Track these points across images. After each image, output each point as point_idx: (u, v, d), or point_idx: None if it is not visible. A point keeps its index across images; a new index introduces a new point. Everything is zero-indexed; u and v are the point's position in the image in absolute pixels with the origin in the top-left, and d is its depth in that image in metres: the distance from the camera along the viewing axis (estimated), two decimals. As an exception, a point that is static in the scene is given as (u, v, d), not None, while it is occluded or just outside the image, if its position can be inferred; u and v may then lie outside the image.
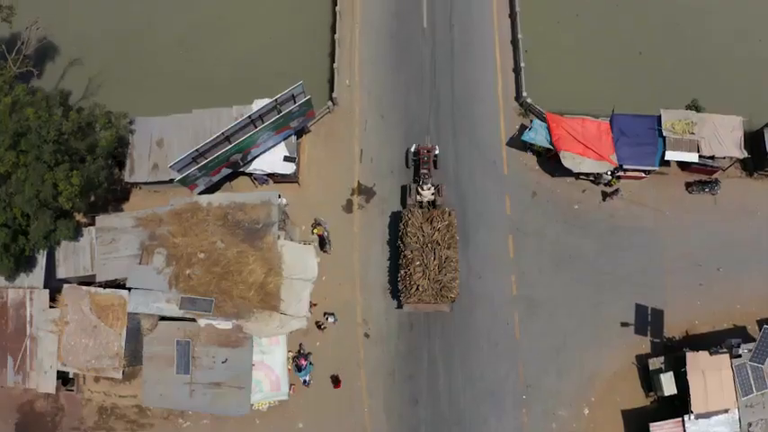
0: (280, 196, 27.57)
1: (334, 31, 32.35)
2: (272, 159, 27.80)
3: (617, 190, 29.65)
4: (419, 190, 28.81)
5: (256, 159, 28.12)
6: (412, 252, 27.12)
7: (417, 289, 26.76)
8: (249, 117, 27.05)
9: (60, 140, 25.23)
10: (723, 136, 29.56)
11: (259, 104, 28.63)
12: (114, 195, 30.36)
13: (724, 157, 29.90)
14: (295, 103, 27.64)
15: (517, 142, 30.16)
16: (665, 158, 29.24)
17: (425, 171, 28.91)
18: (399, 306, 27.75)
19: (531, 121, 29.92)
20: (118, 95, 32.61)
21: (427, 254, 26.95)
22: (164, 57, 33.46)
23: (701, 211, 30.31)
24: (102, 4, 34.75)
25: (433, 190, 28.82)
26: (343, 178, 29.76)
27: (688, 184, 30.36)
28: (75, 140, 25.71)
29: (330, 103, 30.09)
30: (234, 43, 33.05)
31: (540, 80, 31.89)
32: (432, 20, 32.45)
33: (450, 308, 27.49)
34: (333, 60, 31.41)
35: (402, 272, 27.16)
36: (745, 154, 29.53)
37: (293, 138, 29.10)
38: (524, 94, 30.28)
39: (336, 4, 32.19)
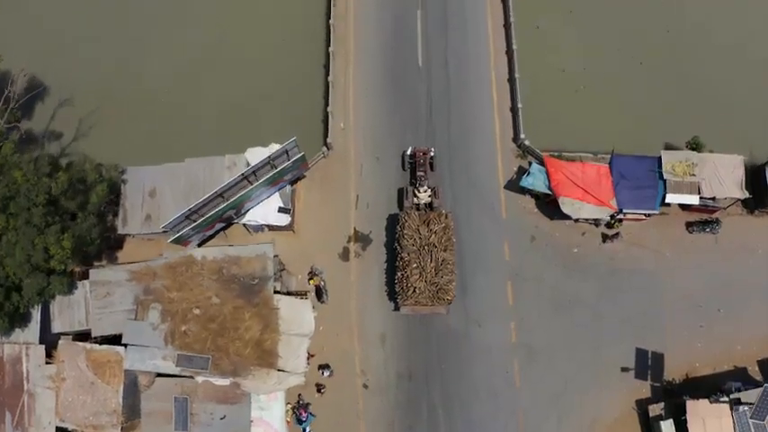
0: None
1: (327, 71, 31.84)
2: (265, 211, 27.59)
3: (617, 233, 29.47)
4: (416, 192, 28.88)
5: (250, 211, 27.87)
6: (409, 254, 27.37)
7: (414, 291, 26.98)
8: (243, 174, 26.80)
9: (50, 202, 24.96)
10: (724, 176, 29.30)
11: (252, 153, 28.51)
12: (108, 243, 30.14)
13: (725, 198, 29.75)
14: (289, 158, 27.42)
15: (515, 185, 29.84)
16: (666, 201, 29.07)
17: (422, 173, 29.03)
18: (396, 308, 27.89)
19: (530, 164, 29.64)
20: (108, 138, 32.58)
21: (424, 256, 27.20)
22: (155, 98, 32.94)
23: (701, 251, 30.13)
24: (92, 44, 34.07)
25: (429, 192, 28.91)
26: (339, 225, 29.50)
27: (689, 224, 30.15)
28: (66, 200, 25.45)
29: (325, 148, 29.79)
30: (226, 85, 32.61)
31: (538, 117, 31.45)
32: (427, 58, 32.03)
33: (446, 310, 27.69)
34: (327, 102, 30.94)
35: (399, 274, 27.44)
36: (746, 194, 29.30)
37: (287, 188, 28.86)
38: (522, 136, 29.93)
39: (329, 45, 31.79)
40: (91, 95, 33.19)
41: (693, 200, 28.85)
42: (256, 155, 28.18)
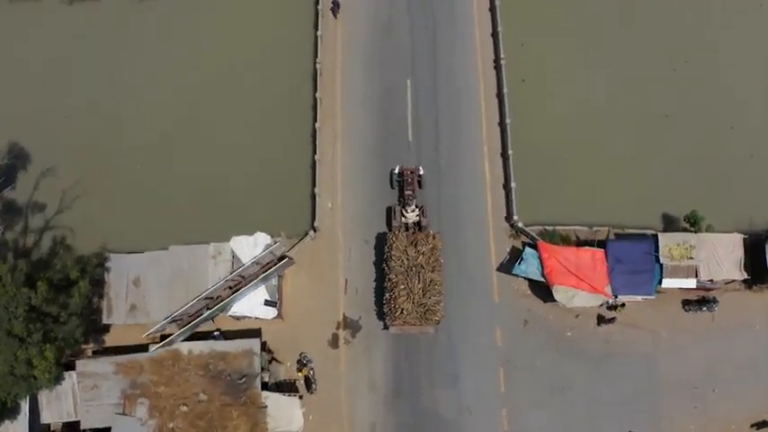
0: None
1: (315, 148, 31.16)
2: (251, 304, 27.25)
3: (614, 318, 29.04)
4: (403, 212, 28.77)
5: (236, 303, 27.40)
6: (396, 276, 27.46)
7: (402, 312, 27.09)
8: (227, 281, 26.61)
9: (31, 308, 24.65)
10: (722, 257, 28.73)
11: (237, 243, 28.16)
12: (94, 326, 29.94)
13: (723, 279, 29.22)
14: (275, 255, 27.19)
15: (508, 267, 29.28)
16: (663, 286, 28.53)
17: (409, 192, 28.91)
18: (385, 327, 27.89)
19: (523, 247, 29.03)
20: (92, 211, 32.21)
21: (411, 277, 27.30)
22: (136, 172, 32.37)
23: (698, 330, 29.65)
24: (72, 114, 33.52)
25: (417, 212, 28.80)
26: (328, 311, 29.08)
27: (685, 302, 29.58)
28: (48, 304, 25.11)
29: (312, 232, 29.31)
30: (210, 162, 31.97)
31: (532, 190, 30.90)
32: (417, 132, 31.33)
33: (435, 329, 27.77)
34: (314, 181, 30.31)
35: (387, 295, 27.59)
36: (745, 275, 28.74)
37: (274, 279, 28.43)
38: (515, 218, 29.35)
39: (316, 121, 31.09)
40: (73, 165, 32.82)
41: (690, 283, 28.43)
42: (242, 244, 27.82)
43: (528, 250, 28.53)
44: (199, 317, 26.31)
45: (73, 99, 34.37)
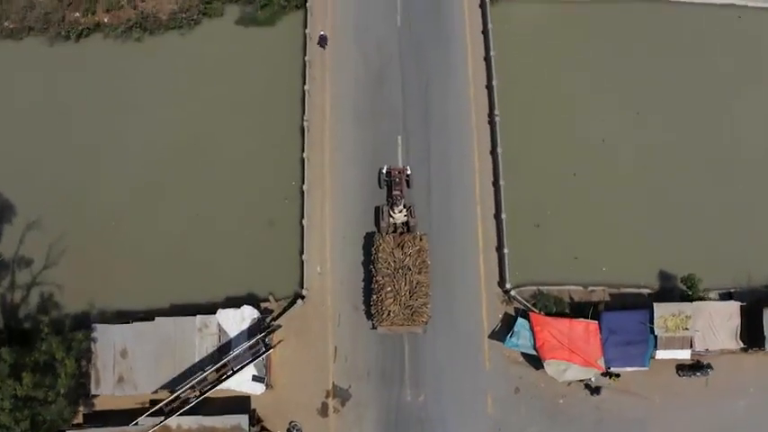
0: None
1: (303, 212, 30.50)
2: (239, 380, 26.80)
3: (599, 388, 28.52)
4: (391, 213, 28.82)
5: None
6: (383, 278, 27.74)
7: (389, 314, 27.40)
8: (214, 365, 26.41)
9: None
10: (718, 326, 28.32)
11: (223, 315, 27.87)
12: (84, 391, 29.79)
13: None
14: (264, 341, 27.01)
15: (499, 334, 28.93)
16: (656, 357, 28.13)
17: (397, 193, 28.96)
18: (374, 327, 28.16)
19: (515, 316, 28.62)
20: (77, 268, 31.56)
21: (398, 279, 27.62)
22: (127, 228, 31.85)
23: (691, 395, 29.34)
24: (54, 168, 32.82)
25: (405, 212, 28.89)
26: (317, 379, 28.77)
27: (679, 367, 29.19)
28: (34, 389, 24.91)
29: (300, 300, 28.91)
30: (197, 221, 31.35)
31: (526, 249, 30.34)
32: (409, 192, 30.40)
33: (423, 329, 28.05)
34: (302, 245, 29.81)
35: (374, 296, 27.90)
36: (741, 344, 28.37)
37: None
38: (508, 285, 28.91)
39: (304, 182, 30.39)
40: (58, 219, 32.21)
41: (685, 354, 28.08)
42: (228, 317, 27.56)
43: (520, 321, 28.18)
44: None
45: (53, 147, 33.59)
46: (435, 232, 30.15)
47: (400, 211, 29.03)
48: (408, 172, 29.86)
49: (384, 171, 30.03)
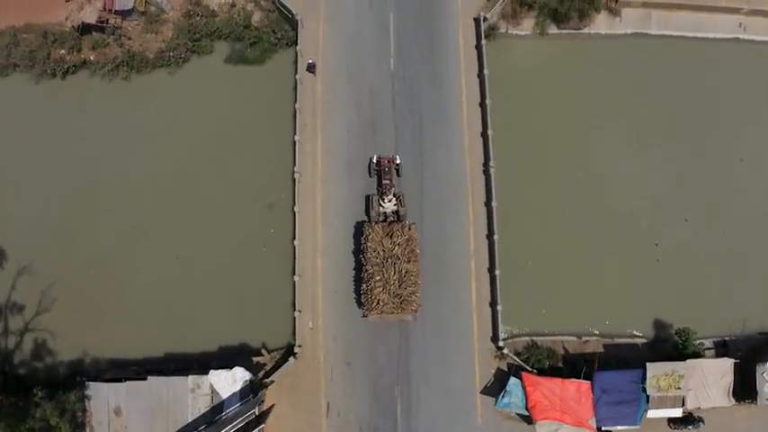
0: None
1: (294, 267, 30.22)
2: (232, 441, 27.24)
3: None
4: (381, 202, 29.14)
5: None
6: (372, 267, 28.27)
7: (378, 303, 28.03)
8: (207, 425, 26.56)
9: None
10: (711, 384, 28.38)
11: (216, 377, 27.87)
12: (82, 439, 30.33)
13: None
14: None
15: (492, 389, 28.95)
16: (648, 416, 28.16)
17: (387, 182, 29.26)
18: (364, 315, 28.69)
19: (508, 373, 28.54)
20: (69, 316, 31.42)
21: (387, 269, 28.14)
22: (116, 276, 31.57)
23: (683, 448, 30.03)
24: (44, 214, 32.48)
25: (394, 201, 29.28)
26: (310, 435, 29.56)
27: (671, 420, 29.13)
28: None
29: (292, 358, 28.82)
30: (189, 279, 31.08)
31: (520, 300, 30.23)
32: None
33: (414, 317, 28.64)
34: (294, 303, 29.54)
35: (364, 286, 28.54)
36: (733, 402, 28.49)
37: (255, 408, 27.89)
38: (501, 344, 28.81)
39: (294, 238, 30.09)
40: (49, 265, 32.03)
41: (676, 413, 28.22)
42: (220, 378, 27.60)
43: (512, 381, 28.22)
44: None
45: (40, 189, 33.19)
46: (430, 289, 29.51)
47: (390, 201, 29.28)
48: (398, 161, 30.07)
49: (374, 160, 30.22)
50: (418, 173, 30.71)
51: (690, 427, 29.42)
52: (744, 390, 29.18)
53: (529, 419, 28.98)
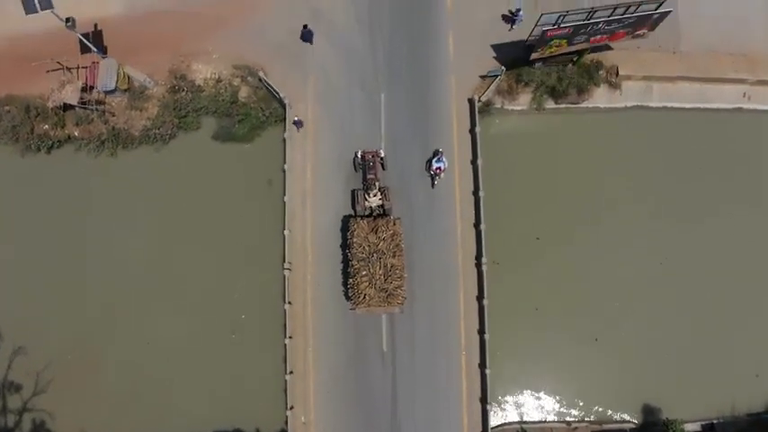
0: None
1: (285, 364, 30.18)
2: None
3: None
4: (366, 196, 29.92)
5: None
6: (358, 262, 29.19)
7: (365, 297, 29.04)
8: None
9: None
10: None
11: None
12: None
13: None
14: None
15: (481, 490, 29.89)
16: None
17: (372, 176, 29.99)
18: (352, 309, 29.61)
19: (497, 472, 29.21)
20: (66, 399, 31.80)
21: (373, 263, 29.00)
22: (107, 359, 31.69)
23: None
24: (36, 294, 32.32)
25: (379, 195, 30.02)
26: None
27: None
28: None
29: (285, 454, 29.48)
30: (181, 367, 31.00)
31: (510, 388, 30.84)
32: (391, 342, 30.19)
33: (400, 309, 29.61)
34: (286, 399, 29.78)
35: (350, 281, 29.49)
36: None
37: None
38: (491, 436, 29.54)
39: (286, 333, 29.97)
40: (45, 346, 32.22)
41: None
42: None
43: (503, 476, 28.78)
44: None
45: (29, 266, 32.78)
46: (419, 384, 29.64)
47: (375, 195, 29.78)
48: (383, 154, 30.33)
49: (359, 155, 30.52)
50: (410, 270, 29.98)
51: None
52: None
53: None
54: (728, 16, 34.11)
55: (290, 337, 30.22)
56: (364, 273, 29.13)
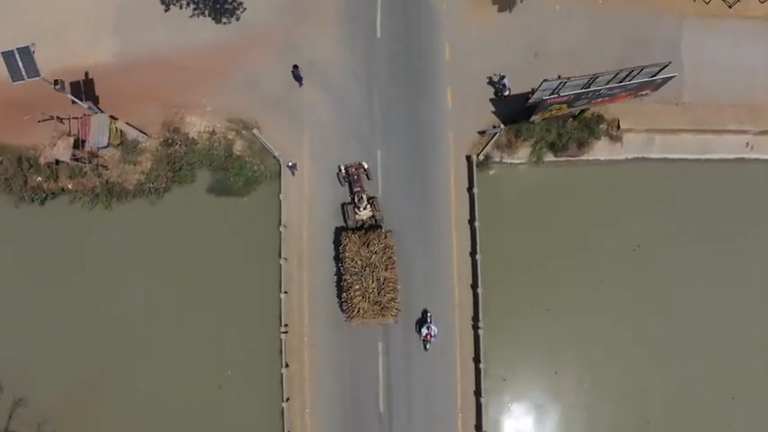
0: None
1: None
2: None
3: None
4: (356, 210, 30.38)
5: None
6: (351, 276, 29.63)
7: (359, 311, 29.59)
8: None
9: None
10: None
11: None
12: None
13: None
14: None
15: None
16: None
17: (358, 188, 30.41)
18: (347, 320, 30.13)
19: None
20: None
21: (366, 277, 29.51)
22: (103, 412, 31.79)
23: None
24: (30, 336, 32.20)
25: (369, 208, 30.33)
26: None
27: None
28: None
29: None
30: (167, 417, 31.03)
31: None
32: (388, 402, 30.19)
33: (395, 320, 30.16)
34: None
35: (344, 294, 30.02)
36: None
37: None
38: None
39: (283, 396, 29.97)
40: (45, 397, 32.11)
41: None
42: None
43: None
44: None
45: (25, 317, 32.48)
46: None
47: (365, 207, 29.97)
48: (366, 166, 30.44)
49: (342, 170, 30.60)
50: (405, 335, 30.02)
51: None
52: None
53: None
54: (734, 65, 33.42)
55: (288, 399, 30.20)
56: (357, 287, 29.25)
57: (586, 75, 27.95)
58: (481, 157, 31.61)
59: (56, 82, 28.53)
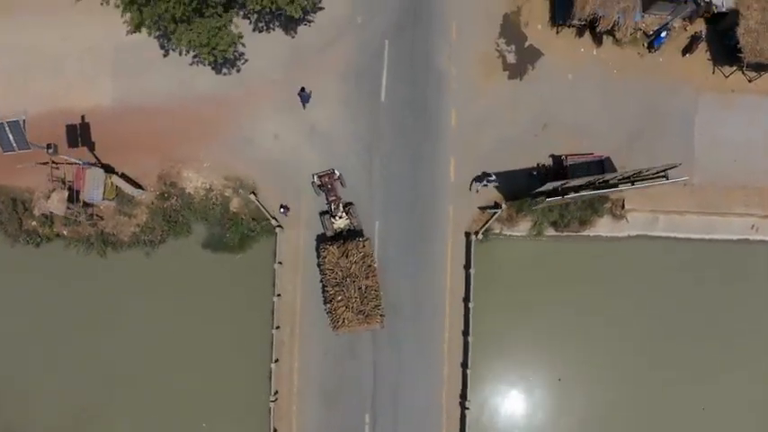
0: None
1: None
2: None
3: None
4: (333, 220, 31.11)
5: None
6: (333, 288, 30.41)
7: (344, 321, 30.45)
8: None
9: None
10: None
11: None
12: None
13: None
14: None
15: None
16: None
17: (333, 198, 31.10)
18: (334, 330, 30.95)
19: None
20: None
21: (347, 287, 30.17)
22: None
23: None
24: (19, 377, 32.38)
25: (345, 217, 30.98)
26: None
27: None
28: None
29: None
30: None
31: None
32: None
33: (382, 325, 30.88)
34: None
35: (328, 305, 30.80)
36: None
37: None
38: None
39: None
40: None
41: None
42: None
43: None
44: None
45: (15, 359, 32.57)
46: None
47: (341, 217, 30.29)
48: (338, 174, 30.59)
49: (316, 179, 30.69)
50: (393, 405, 30.20)
51: None
52: None
53: None
54: (748, 141, 32.23)
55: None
56: (340, 298, 29.34)
57: (589, 179, 27.59)
58: (480, 237, 31.03)
59: (48, 146, 27.59)
